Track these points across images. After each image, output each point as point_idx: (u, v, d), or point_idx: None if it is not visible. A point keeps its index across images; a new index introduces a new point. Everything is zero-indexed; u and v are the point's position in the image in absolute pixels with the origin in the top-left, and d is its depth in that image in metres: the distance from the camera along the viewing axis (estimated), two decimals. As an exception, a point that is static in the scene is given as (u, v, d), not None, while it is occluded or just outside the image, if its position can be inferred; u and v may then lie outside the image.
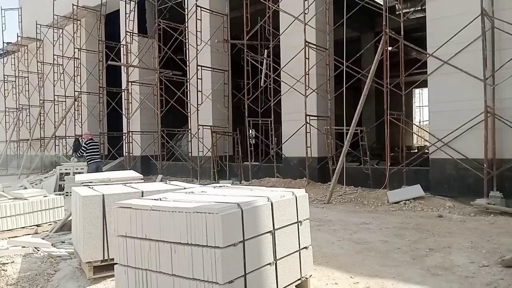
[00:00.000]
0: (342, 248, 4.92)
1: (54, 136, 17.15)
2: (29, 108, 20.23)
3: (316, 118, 10.36)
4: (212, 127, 12.77)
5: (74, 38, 16.71)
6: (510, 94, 7.77)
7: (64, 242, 5.42)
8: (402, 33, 9.34)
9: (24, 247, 4.87)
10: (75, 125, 16.76)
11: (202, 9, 12.50)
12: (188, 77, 13.89)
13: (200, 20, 12.54)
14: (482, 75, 7.67)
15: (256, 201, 3.13)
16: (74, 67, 16.68)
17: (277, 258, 3.22)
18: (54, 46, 17.58)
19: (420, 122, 30.92)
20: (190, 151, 13.88)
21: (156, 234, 3.09)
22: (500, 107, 7.86)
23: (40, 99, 18.68)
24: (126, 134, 15.02)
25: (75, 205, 4.52)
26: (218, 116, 13.43)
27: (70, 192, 5.76)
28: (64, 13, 17.32)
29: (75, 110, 16.76)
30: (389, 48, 9.29)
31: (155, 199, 3.37)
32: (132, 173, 6.36)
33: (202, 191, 3.77)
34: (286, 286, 3.31)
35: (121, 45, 15.40)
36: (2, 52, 22.39)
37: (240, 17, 15.80)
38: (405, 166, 8.95)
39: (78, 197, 4.20)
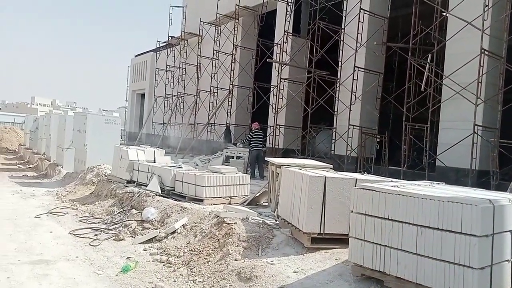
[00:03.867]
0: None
1: (208, 123, 19.13)
2: (183, 96, 22.83)
3: (483, 129, 9.89)
4: (361, 128, 13.00)
5: (234, 35, 18.38)
6: None
7: (261, 214, 6.25)
8: None
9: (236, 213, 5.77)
10: (227, 115, 18.47)
11: (365, 11, 12.73)
12: (338, 77, 14.29)
13: (362, 22, 12.78)
14: None
15: (501, 200, 3.35)
16: (231, 62, 18.36)
17: (513, 257, 3.40)
18: (214, 42, 19.53)
19: None
20: (333, 149, 14.31)
21: (401, 216, 3.51)
22: None
23: (197, 89, 20.92)
24: (273, 127, 16.05)
25: (291, 183, 5.22)
26: (366, 118, 13.57)
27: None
28: (225, 12, 19.13)
29: (228, 101, 18.47)
30: None
31: (392, 186, 3.80)
32: (313, 161, 6.98)
33: (428, 185, 4.10)
34: (516, 285, 3.47)
35: (276, 44, 16.47)
36: (166, 44, 25.55)
37: (395, 18, 15.71)
38: None
39: (301, 176, 4.88)
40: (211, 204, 6.93)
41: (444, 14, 11.22)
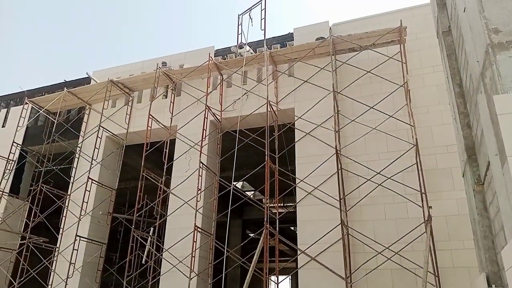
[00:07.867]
0: None
1: None
2: None
3: (196, 302, 10.47)
4: (77, 307, 11.63)
5: None
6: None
7: None
8: (277, 228, 10.92)
9: None
10: None
11: (93, 181, 12.77)
12: (58, 245, 13.01)
13: (89, 191, 12.65)
14: (344, 274, 9.25)
15: None
16: None
17: None
18: None
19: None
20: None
21: None
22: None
23: None
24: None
25: None
26: (85, 293, 12.37)
27: None
28: None
29: None
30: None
31: None
32: None
33: None
34: None
35: (-15, 203, 14.11)
36: None
37: (124, 189, 16.37)
38: None
39: None
40: None
41: (167, 192, 12.42)
